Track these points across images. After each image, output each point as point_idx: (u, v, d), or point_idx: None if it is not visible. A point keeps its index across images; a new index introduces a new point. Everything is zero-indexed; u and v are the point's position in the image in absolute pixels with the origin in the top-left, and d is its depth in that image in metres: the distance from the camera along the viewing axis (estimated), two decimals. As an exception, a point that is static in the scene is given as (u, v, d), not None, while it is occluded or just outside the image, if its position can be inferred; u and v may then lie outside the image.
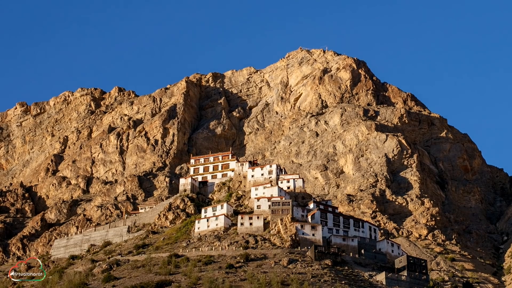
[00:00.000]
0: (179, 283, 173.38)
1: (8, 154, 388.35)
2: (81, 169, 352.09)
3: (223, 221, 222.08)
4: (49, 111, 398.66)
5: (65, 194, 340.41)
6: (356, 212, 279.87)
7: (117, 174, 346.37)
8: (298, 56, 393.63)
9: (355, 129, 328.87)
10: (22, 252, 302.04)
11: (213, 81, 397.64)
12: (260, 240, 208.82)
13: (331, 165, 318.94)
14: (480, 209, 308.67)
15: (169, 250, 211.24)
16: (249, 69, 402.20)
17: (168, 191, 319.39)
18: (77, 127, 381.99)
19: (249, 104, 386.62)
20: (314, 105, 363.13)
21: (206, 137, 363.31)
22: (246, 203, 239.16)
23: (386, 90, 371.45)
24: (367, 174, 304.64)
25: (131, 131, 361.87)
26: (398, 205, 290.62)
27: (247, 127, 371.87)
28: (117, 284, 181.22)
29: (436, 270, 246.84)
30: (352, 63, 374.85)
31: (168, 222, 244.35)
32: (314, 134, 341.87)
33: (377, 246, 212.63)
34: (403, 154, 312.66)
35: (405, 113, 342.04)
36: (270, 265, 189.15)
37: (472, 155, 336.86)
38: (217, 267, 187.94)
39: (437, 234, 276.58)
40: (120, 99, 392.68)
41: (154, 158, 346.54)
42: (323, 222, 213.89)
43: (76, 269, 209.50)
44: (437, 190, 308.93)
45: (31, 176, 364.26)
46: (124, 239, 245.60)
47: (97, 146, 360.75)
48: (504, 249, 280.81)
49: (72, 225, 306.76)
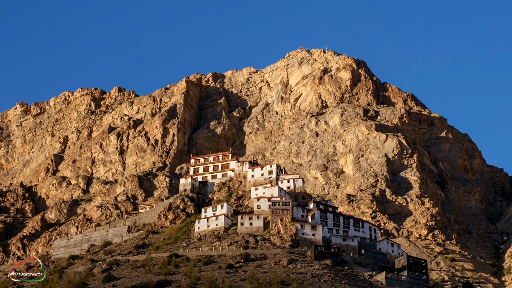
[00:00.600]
0: (179, 283, 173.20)
1: (8, 154, 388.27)
2: (81, 169, 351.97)
3: (223, 221, 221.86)
4: (49, 111, 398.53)
5: (65, 194, 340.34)
6: (356, 212, 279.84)
7: (117, 174, 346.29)
8: (298, 56, 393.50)
9: (355, 129, 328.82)
10: (22, 252, 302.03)
11: (213, 81, 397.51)
12: (260, 240, 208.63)
13: (331, 165, 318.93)
14: (480, 209, 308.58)
15: (169, 250, 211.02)
16: (249, 69, 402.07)
17: (168, 191, 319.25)
18: (77, 127, 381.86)
19: (249, 104, 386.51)
20: (314, 105, 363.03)
21: (206, 137, 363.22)
22: (246, 203, 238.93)
23: (386, 90, 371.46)
24: (367, 174, 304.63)
25: (131, 131, 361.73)
26: (398, 205, 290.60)
27: (247, 127, 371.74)
28: (117, 284, 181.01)
29: (436, 270, 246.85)
30: (352, 63, 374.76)
31: (168, 222, 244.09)
32: (314, 134, 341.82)
33: (377, 246, 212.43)
34: (403, 154, 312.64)
35: (405, 113, 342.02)
36: (270, 265, 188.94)
37: (472, 155, 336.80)
38: (217, 267, 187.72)
39: (437, 234, 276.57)
40: (120, 99, 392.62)
41: (154, 158, 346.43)
42: (323, 222, 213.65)
43: (76, 269, 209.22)
44: (437, 190, 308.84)
45: (31, 176, 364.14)
46: (124, 239, 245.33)
47: (97, 146, 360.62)
48: (504, 249, 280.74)
49: (72, 225, 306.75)
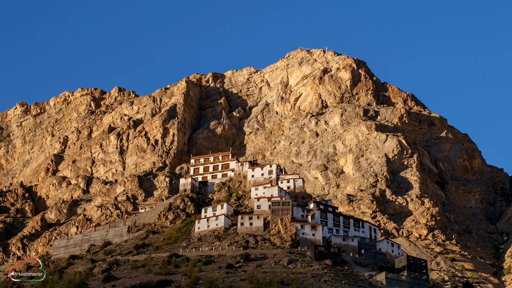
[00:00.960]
0: (179, 283, 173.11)
1: (8, 154, 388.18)
2: (81, 169, 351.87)
3: (223, 221, 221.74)
4: (49, 111, 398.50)
5: (65, 194, 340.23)
6: (356, 212, 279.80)
7: (117, 174, 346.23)
8: (298, 56, 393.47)
9: (355, 129, 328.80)
10: (22, 252, 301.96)
11: (213, 81, 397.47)
12: (260, 240, 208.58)
13: (331, 165, 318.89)
14: (480, 209, 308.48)
15: (169, 250, 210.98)
16: (249, 69, 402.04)
17: (168, 191, 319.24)
18: (77, 127, 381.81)
19: (249, 104, 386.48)
20: (314, 105, 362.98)
21: (206, 137, 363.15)
22: (246, 203, 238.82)
23: (386, 90, 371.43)
24: (367, 174, 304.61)
25: (131, 131, 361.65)
26: (398, 205, 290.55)
27: (247, 127, 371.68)
28: (117, 284, 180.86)
29: (436, 270, 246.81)
30: (352, 63, 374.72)
31: (168, 222, 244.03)
32: (314, 134, 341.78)
33: (377, 246, 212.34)
34: (403, 154, 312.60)
35: (405, 113, 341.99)
36: (270, 265, 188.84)
37: (472, 155, 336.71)
38: (217, 267, 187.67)
39: (437, 234, 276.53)
40: (120, 99, 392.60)
41: (154, 158, 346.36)
42: (323, 222, 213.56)
43: (76, 269, 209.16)
44: (437, 190, 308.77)
45: (31, 176, 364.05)
46: (124, 239, 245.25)
47: (97, 146, 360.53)
48: (504, 249, 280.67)
49: (72, 225, 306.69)
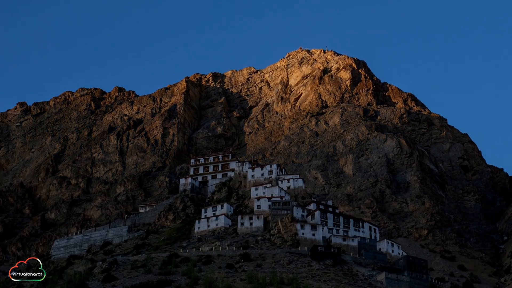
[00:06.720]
0: (179, 283, 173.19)
1: (8, 154, 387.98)
2: (81, 169, 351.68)
3: (223, 221, 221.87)
4: (49, 111, 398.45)
5: (65, 194, 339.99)
6: (356, 212, 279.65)
7: (117, 174, 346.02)
8: (298, 56, 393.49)
9: (355, 129, 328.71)
10: (22, 252, 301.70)
11: (213, 81, 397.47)
12: (260, 240, 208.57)
13: (331, 165, 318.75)
14: (480, 209, 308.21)
15: (169, 250, 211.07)
16: (249, 69, 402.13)
17: (168, 191, 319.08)
18: (77, 127, 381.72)
19: (249, 104, 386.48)
20: (314, 105, 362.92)
21: (206, 137, 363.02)
22: (246, 203, 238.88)
23: (386, 90, 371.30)
24: (367, 174, 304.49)
25: (131, 131, 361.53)
26: (398, 205, 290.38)
27: (247, 127, 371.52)
28: (117, 284, 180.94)
29: (436, 270, 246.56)
30: (352, 63, 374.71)
31: (168, 222, 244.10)
32: (314, 134, 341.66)
33: (377, 246, 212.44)
34: (403, 154, 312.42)
35: (405, 113, 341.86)
36: (270, 265, 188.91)
37: (472, 155, 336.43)
38: (216, 267, 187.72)
39: (437, 234, 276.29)
40: (120, 99, 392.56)
41: (154, 158, 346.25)
42: (323, 222, 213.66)
43: (76, 269, 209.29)
44: (437, 190, 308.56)
45: (31, 176, 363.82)
46: (124, 239, 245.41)
47: (97, 146, 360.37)
48: (504, 249, 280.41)
49: (72, 225, 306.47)
